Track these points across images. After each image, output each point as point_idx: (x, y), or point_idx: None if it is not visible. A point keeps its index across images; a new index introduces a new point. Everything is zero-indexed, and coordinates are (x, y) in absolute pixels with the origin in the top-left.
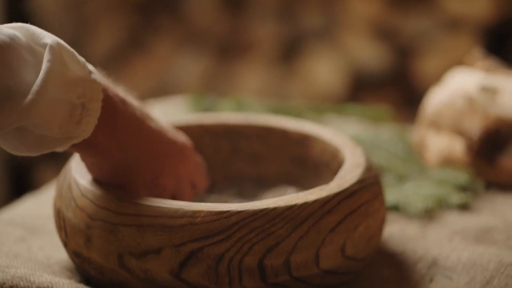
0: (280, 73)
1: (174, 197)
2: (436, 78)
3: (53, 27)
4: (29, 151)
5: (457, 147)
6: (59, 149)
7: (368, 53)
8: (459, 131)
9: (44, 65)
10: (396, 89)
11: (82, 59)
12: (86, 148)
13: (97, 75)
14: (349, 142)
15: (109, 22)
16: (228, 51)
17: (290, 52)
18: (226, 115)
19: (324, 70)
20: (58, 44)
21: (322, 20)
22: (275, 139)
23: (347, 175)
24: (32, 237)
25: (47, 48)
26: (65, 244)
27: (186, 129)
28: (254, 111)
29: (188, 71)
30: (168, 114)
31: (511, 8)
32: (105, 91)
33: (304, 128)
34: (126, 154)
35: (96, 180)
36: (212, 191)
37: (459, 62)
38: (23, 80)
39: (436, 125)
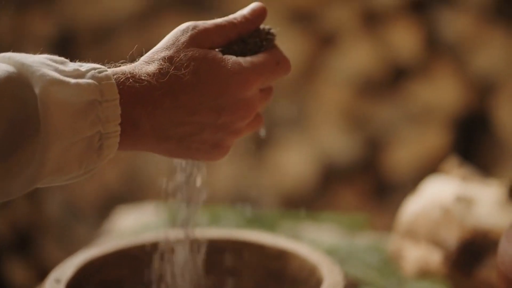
0: (249, 164)
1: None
2: (406, 168)
3: None
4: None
5: (434, 257)
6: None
7: (338, 143)
8: (435, 242)
9: (42, 122)
10: (366, 179)
11: (84, 81)
12: (128, 148)
13: (108, 73)
14: (327, 259)
15: None
16: None
17: (260, 142)
18: (202, 229)
19: (295, 160)
20: (45, 88)
21: (292, 109)
22: (251, 254)
23: None
24: None
25: (39, 103)
26: None
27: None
28: (229, 222)
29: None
30: (141, 222)
31: (481, 99)
32: (123, 86)
33: (281, 243)
34: (176, 129)
35: None
36: None
37: (429, 153)
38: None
39: (413, 234)
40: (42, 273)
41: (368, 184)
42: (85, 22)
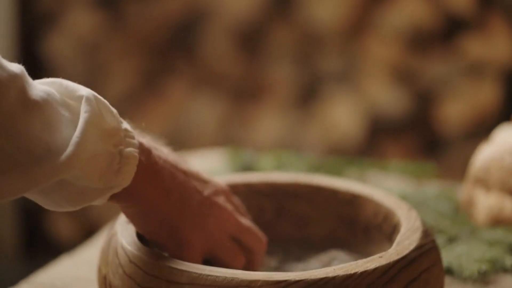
0: (297, 117)
1: (212, 260)
2: (458, 124)
3: (67, 70)
4: (70, 204)
5: (507, 205)
6: (98, 202)
7: (387, 98)
8: (508, 190)
9: (82, 117)
10: (417, 135)
11: (114, 109)
12: (127, 198)
13: (127, 124)
14: (403, 203)
15: (124, 64)
16: (244, 95)
17: (308, 96)
18: (272, 174)
19: (342, 115)
20: (94, 95)
21: (340, 64)
22: (323, 200)
23: (405, 241)
24: None
25: (84, 100)
26: None
27: (231, 188)
28: (295, 168)
29: (203, 115)
30: (206, 169)
31: None
32: (137, 138)
33: (355, 188)
34: (167, 199)
35: (144, 236)
36: None
37: (481, 107)
38: (60, 135)
39: (484, 183)
40: (89, 229)
41: (418, 139)
42: None
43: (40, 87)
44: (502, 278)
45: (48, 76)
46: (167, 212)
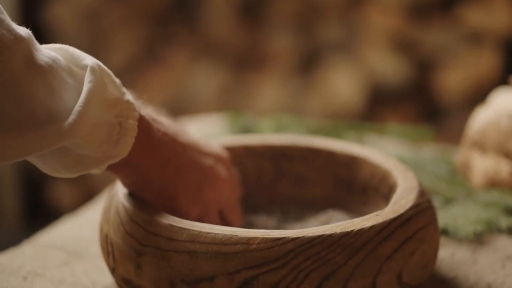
0: (298, 86)
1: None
2: (457, 92)
3: (68, 39)
4: (68, 171)
5: (503, 168)
6: (96, 171)
7: (387, 66)
8: (504, 153)
9: (86, 86)
10: (416, 103)
11: (117, 80)
12: (124, 168)
13: (129, 95)
14: (400, 165)
15: (125, 33)
16: (245, 63)
17: (308, 65)
18: (271, 136)
19: (343, 83)
20: (98, 65)
21: (341, 33)
22: (321, 161)
23: (402, 200)
24: (75, 261)
25: (88, 70)
26: (113, 270)
27: (230, 150)
28: (294, 131)
29: (204, 83)
30: (206, 133)
31: None
32: (138, 110)
33: (352, 150)
34: (164, 171)
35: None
36: (257, 212)
37: (480, 76)
38: (63, 102)
39: (481, 146)
40: (90, 198)
41: (417, 107)
42: None
43: (47, 52)
44: (497, 239)
45: None
46: (163, 183)
